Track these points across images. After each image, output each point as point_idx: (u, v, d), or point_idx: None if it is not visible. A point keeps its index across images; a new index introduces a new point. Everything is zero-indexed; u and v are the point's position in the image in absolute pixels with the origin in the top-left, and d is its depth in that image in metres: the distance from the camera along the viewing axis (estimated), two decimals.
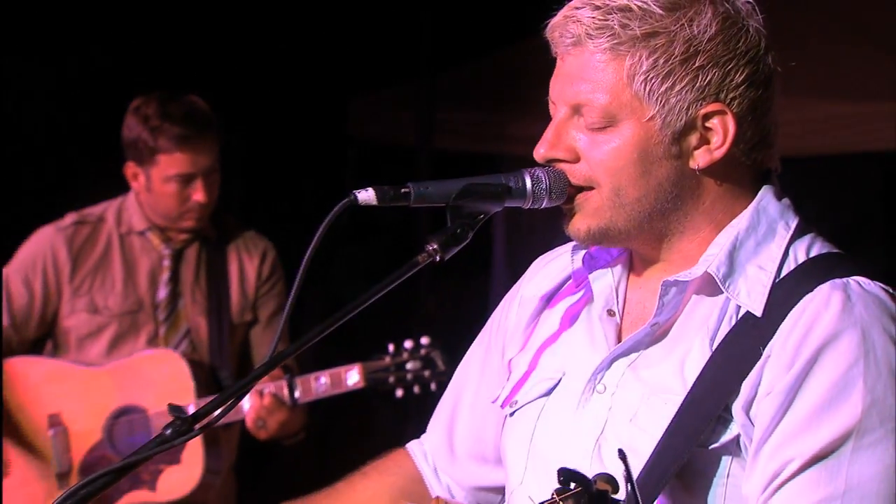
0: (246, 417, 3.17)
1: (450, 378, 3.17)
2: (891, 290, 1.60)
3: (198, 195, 3.34)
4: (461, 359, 2.20)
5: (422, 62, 6.66)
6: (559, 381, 1.73)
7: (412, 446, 2.02)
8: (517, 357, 1.82)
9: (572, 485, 1.34)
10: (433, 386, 3.16)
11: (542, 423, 1.73)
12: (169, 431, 1.52)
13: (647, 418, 1.61)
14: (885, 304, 1.58)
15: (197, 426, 1.52)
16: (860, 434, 1.52)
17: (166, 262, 3.42)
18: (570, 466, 1.63)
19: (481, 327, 2.19)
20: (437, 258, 1.60)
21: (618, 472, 1.40)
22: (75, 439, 3.32)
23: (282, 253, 3.60)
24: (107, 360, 3.36)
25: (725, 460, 1.59)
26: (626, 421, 1.63)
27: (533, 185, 1.65)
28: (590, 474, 1.60)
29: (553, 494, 1.34)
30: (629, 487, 1.34)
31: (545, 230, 1.88)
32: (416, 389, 3.17)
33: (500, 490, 1.88)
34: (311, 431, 3.51)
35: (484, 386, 1.90)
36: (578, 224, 1.65)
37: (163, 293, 3.41)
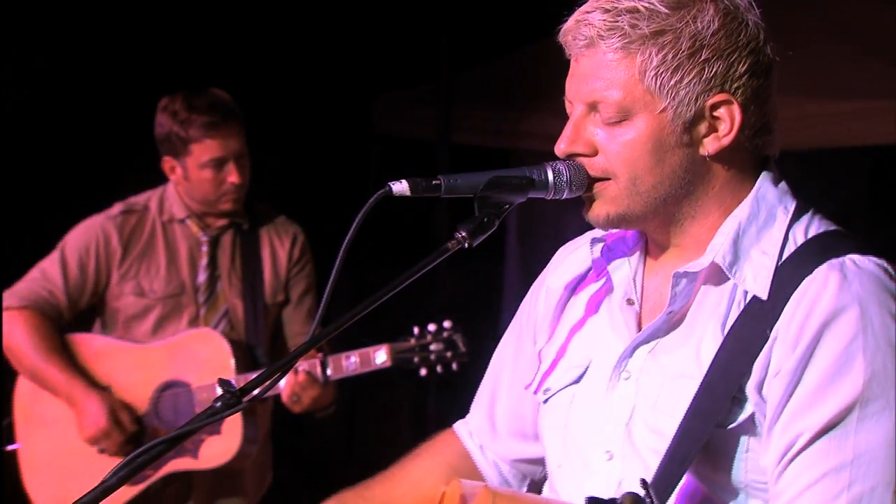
0: (282, 393, 3.16)
1: (470, 359, 3.20)
2: (884, 265, 1.58)
3: (232, 177, 3.33)
4: (478, 341, 2.17)
5: (440, 64, 6.66)
6: (586, 369, 1.72)
7: (458, 426, 2.01)
8: (546, 347, 1.81)
9: None
10: (455, 366, 3.16)
11: (575, 409, 1.73)
12: (219, 404, 1.51)
13: (668, 402, 1.60)
14: (880, 279, 1.56)
15: (244, 400, 1.52)
16: (864, 404, 1.51)
17: (204, 248, 3.42)
18: (607, 448, 1.65)
19: (494, 310, 2.18)
20: (466, 245, 1.59)
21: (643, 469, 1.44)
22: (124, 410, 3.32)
23: (312, 239, 3.59)
24: (152, 339, 3.36)
25: (744, 438, 1.58)
26: (651, 405, 1.62)
27: (555, 177, 1.64)
28: (622, 456, 1.63)
29: None
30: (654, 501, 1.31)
31: (555, 221, 1.88)
32: (439, 369, 3.16)
33: (540, 462, 1.88)
34: (340, 405, 3.50)
35: (518, 370, 1.89)
36: (598, 211, 1.65)
37: (202, 277, 3.40)
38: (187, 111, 3.33)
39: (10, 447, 3.39)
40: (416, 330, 3.18)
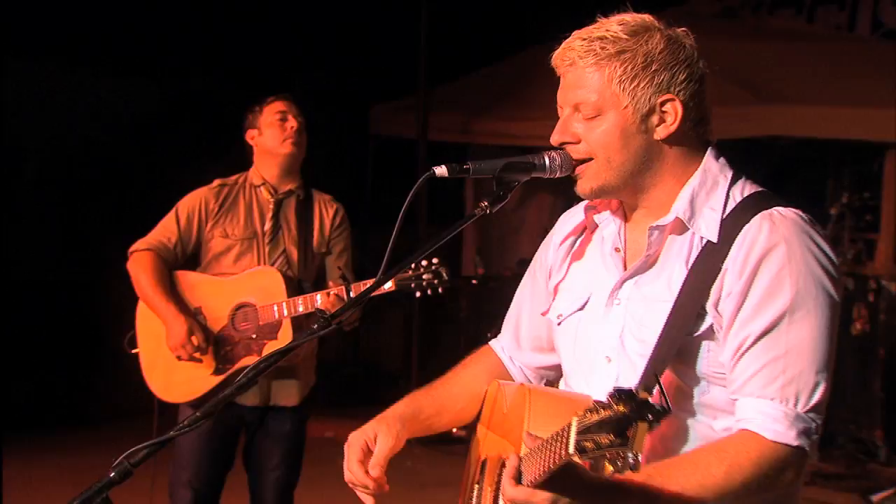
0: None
1: (452, 286, 3.25)
2: (800, 213, 1.56)
3: (291, 123, 3.36)
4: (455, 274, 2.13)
5: (420, 82, 6.68)
6: (588, 299, 1.69)
7: (493, 343, 1.96)
8: (559, 283, 1.78)
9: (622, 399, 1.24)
10: (440, 290, 3.15)
11: (581, 328, 1.69)
12: (316, 326, 1.50)
13: (650, 319, 1.57)
14: (798, 223, 1.54)
15: (333, 322, 1.52)
16: (792, 312, 1.49)
17: (271, 207, 3.40)
18: (606, 355, 1.60)
19: (457, 254, 2.18)
20: (488, 211, 1.59)
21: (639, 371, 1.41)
22: (211, 322, 3.33)
23: None
24: (233, 270, 3.35)
25: (705, 342, 1.55)
26: (637, 322, 1.59)
27: (549, 162, 1.62)
28: (617, 360, 1.59)
29: (608, 399, 1.25)
30: (660, 390, 1.31)
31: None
32: (429, 292, 3.15)
33: (553, 368, 1.86)
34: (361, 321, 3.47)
35: (535, 303, 1.85)
36: (584, 186, 1.63)
37: (267, 226, 3.39)
38: (262, 98, 3.43)
39: (132, 351, 3.40)
40: (412, 265, 3.15)
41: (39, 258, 6.58)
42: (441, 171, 1.57)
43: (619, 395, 1.23)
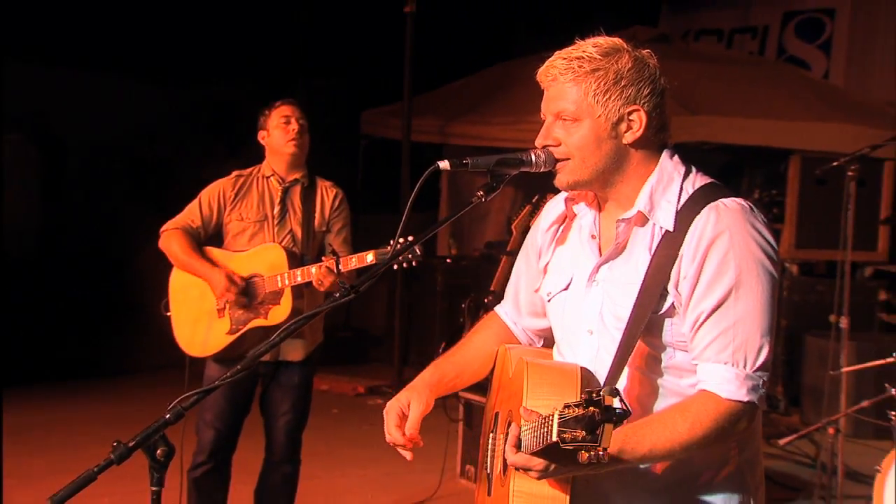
0: (313, 279, 3.12)
1: (424, 261, 3.21)
2: (742, 202, 1.56)
3: (293, 126, 3.33)
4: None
5: (404, 91, 6.63)
6: (571, 280, 1.68)
7: (498, 310, 1.94)
8: (547, 264, 1.77)
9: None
10: (414, 264, 3.08)
11: (567, 306, 1.68)
12: (337, 295, 1.48)
13: (622, 298, 1.57)
14: (742, 213, 1.53)
15: (353, 291, 1.51)
16: (737, 289, 1.49)
17: (279, 194, 3.37)
18: (589, 328, 1.58)
19: (432, 238, 2.10)
20: (483, 200, 1.57)
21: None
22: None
23: None
24: (248, 247, 3.33)
25: (668, 319, 1.55)
26: (613, 301, 1.58)
27: (535, 158, 1.59)
28: (598, 332, 1.57)
29: (582, 398, 1.26)
30: (621, 400, 1.28)
31: (470, 189, 1.90)
32: (405, 266, 3.08)
33: (551, 330, 1.81)
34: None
35: (530, 278, 1.84)
36: (562, 180, 1.62)
37: (276, 210, 3.36)
38: (270, 102, 3.39)
39: (167, 313, 3.38)
40: (391, 242, 2.97)
41: (83, 239, 6.61)
42: (444, 165, 1.54)
43: (590, 399, 1.25)
